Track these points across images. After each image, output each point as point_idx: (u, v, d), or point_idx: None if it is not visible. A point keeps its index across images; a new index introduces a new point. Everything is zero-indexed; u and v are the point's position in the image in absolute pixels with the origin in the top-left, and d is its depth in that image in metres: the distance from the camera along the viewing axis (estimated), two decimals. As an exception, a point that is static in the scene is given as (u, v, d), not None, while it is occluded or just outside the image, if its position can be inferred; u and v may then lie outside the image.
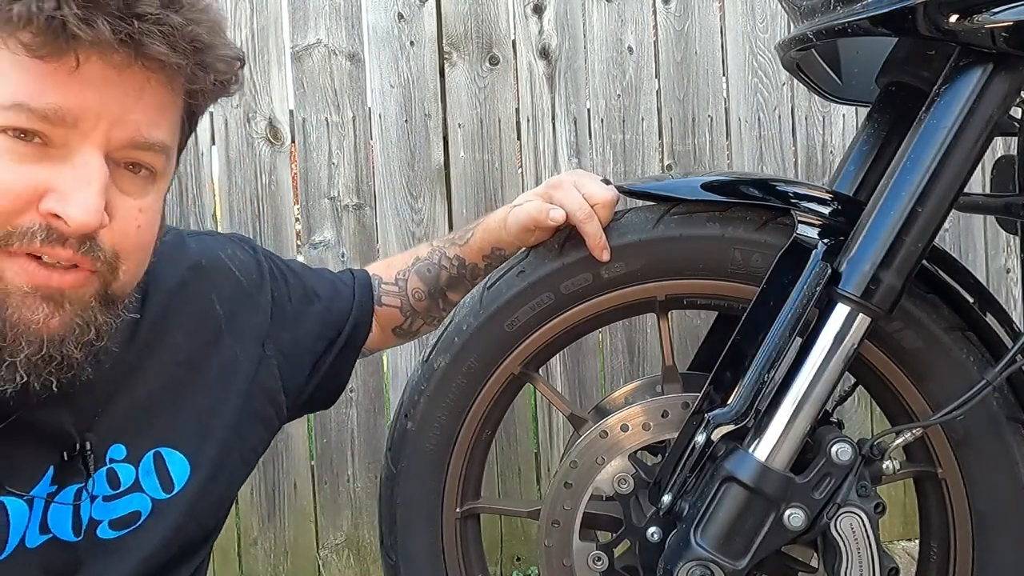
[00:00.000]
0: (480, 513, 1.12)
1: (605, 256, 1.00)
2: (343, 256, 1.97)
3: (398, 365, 2.03)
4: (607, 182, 1.05)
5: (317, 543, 2.00)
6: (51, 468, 0.86)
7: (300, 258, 1.99)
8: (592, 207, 1.01)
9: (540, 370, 1.11)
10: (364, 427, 2.00)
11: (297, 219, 2.00)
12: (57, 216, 0.72)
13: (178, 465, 0.95)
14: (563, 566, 1.03)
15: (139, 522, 0.92)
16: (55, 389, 0.76)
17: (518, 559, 2.08)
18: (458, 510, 1.07)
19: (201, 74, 0.78)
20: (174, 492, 0.94)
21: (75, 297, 0.76)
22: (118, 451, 0.91)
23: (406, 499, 1.07)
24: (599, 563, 1.03)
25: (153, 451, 0.93)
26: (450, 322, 1.06)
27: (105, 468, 0.90)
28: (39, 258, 0.73)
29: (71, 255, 0.74)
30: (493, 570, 2.04)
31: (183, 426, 0.96)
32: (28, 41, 0.70)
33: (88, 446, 0.87)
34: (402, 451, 1.06)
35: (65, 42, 0.70)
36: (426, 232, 2.00)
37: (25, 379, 0.73)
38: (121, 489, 0.91)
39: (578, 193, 1.02)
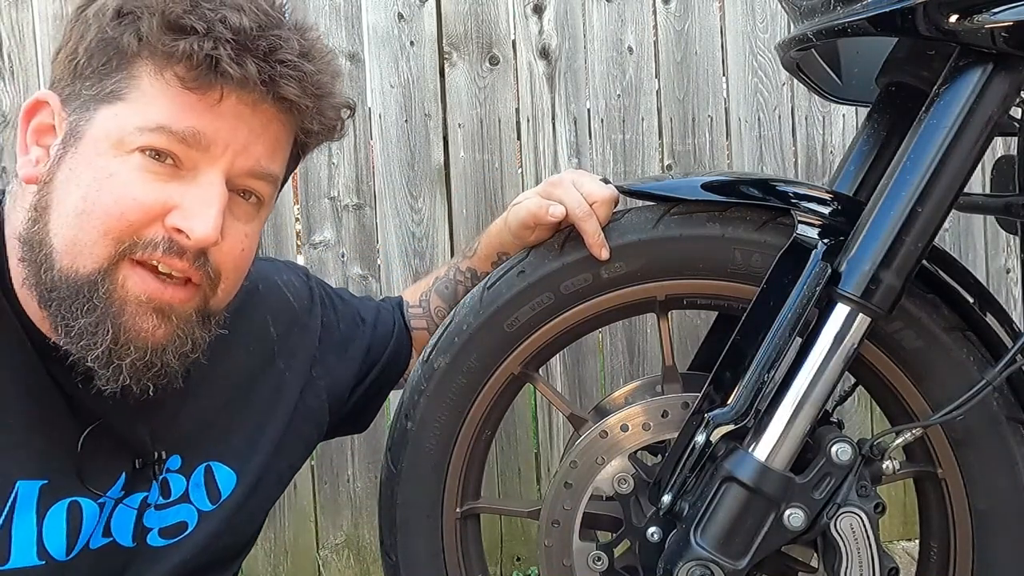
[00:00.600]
0: (480, 513, 1.12)
1: (604, 255, 1.00)
2: (343, 256, 1.97)
3: (398, 365, 2.03)
4: (606, 181, 1.05)
5: (317, 543, 2.00)
6: (124, 474, 0.90)
7: (300, 258, 1.99)
8: (591, 205, 1.01)
9: (540, 370, 1.11)
10: (364, 427, 2.00)
11: (297, 219, 2.00)
12: (180, 231, 0.79)
13: (225, 478, 0.99)
14: (563, 566, 1.03)
15: (186, 532, 0.96)
16: (151, 394, 0.82)
17: (518, 559, 2.08)
18: (458, 510, 1.07)
19: (318, 117, 0.86)
20: (219, 503, 0.99)
21: (180, 312, 0.82)
22: (174, 462, 0.96)
23: (406, 499, 1.07)
24: (599, 563, 1.03)
25: (205, 464, 0.98)
26: (450, 322, 1.06)
27: (161, 477, 0.94)
28: (156, 269, 0.80)
29: (186, 267, 0.81)
30: (493, 570, 2.04)
31: (234, 443, 1.00)
32: (183, 75, 0.78)
33: (163, 455, 0.93)
34: (402, 451, 1.06)
35: (215, 78, 0.78)
36: (426, 232, 2.00)
37: (127, 382, 0.80)
38: (171, 499, 0.96)
39: (577, 191, 1.03)
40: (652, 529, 0.98)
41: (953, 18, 0.84)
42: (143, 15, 0.78)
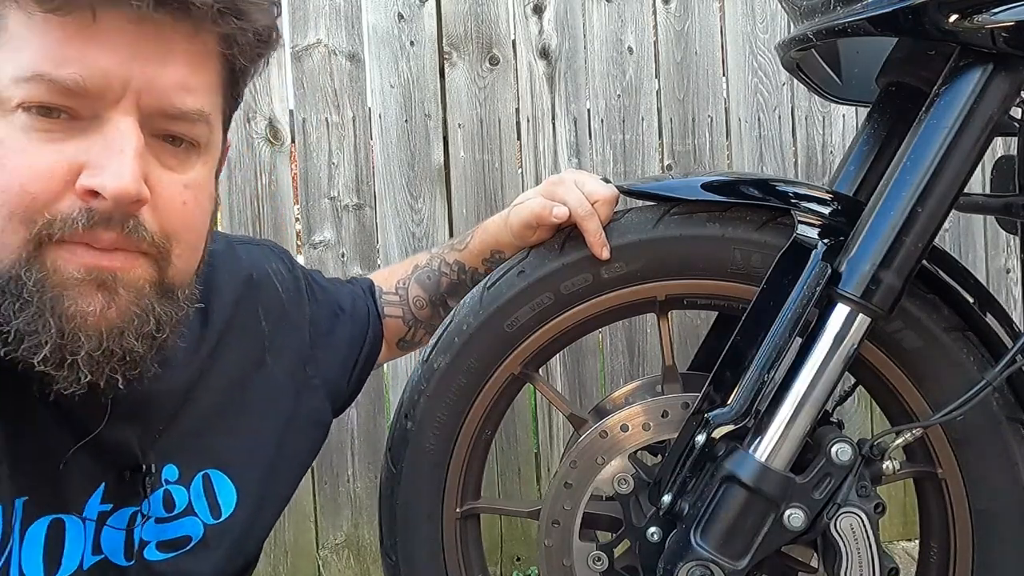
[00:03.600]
0: (480, 513, 1.12)
1: (605, 254, 1.00)
2: (343, 256, 1.97)
3: (398, 366, 2.03)
4: (607, 181, 1.05)
5: (317, 543, 2.00)
6: (103, 484, 0.80)
7: (300, 259, 1.99)
8: (593, 204, 1.01)
9: (540, 370, 1.11)
10: (364, 427, 2.00)
11: (297, 219, 2.00)
12: (93, 192, 0.65)
13: (225, 491, 0.91)
14: (563, 566, 1.03)
15: (188, 546, 0.88)
16: (121, 387, 0.70)
17: (518, 559, 2.08)
18: (458, 510, 1.07)
19: (236, 23, 0.69)
20: (222, 519, 0.91)
21: (128, 281, 0.69)
22: (171, 472, 0.87)
23: (406, 499, 1.06)
24: (599, 563, 1.03)
25: (202, 473, 0.89)
26: (450, 322, 1.06)
27: (162, 489, 0.86)
28: (87, 245, 0.67)
29: (114, 237, 0.67)
30: (493, 570, 2.04)
31: (231, 448, 0.92)
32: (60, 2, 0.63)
33: (152, 468, 0.83)
34: (402, 451, 1.06)
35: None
36: (426, 232, 2.00)
37: (89, 378, 0.67)
38: (175, 512, 0.88)
39: (579, 191, 1.02)
40: (652, 529, 0.98)
41: (953, 18, 0.84)
42: None
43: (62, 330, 0.65)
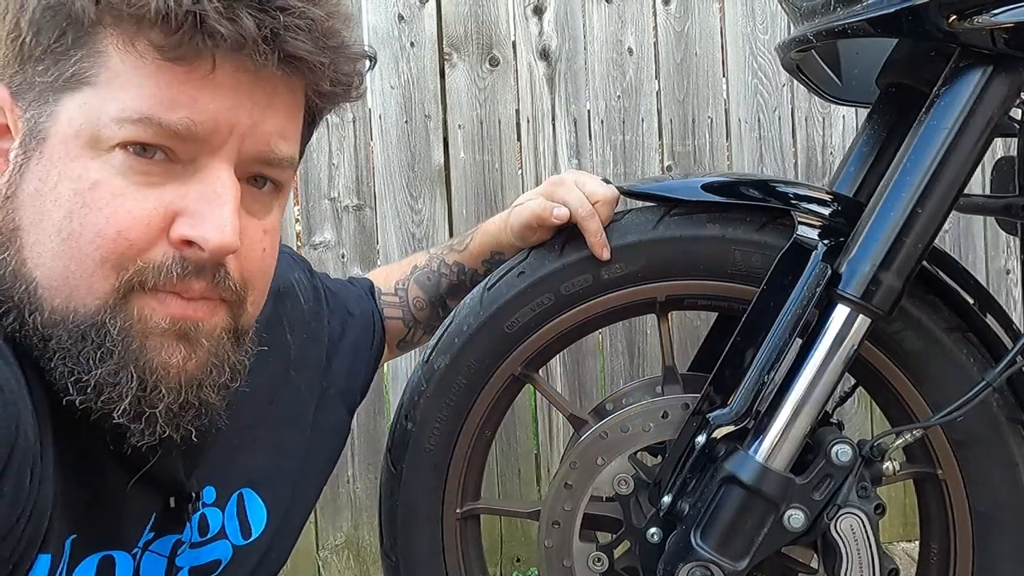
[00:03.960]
0: (480, 514, 1.12)
1: (605, 255, 1.00)
2: (343, 257, 1.97)
3: (398, 366, 2.03)
4: (607, 182, 1.05)
5: (317, 543, 2.00)
6: (154, 515, 0.77)
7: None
8: (593, 205, 1.01)
9: (540, 371, 1.11)
10: (364, 428, 2.00)
11: (297, 220, 2.00)
12: (191, 242, 0.63)
13: (256, 510, 0.88)
14: (563, 567, 1.03)
15: (218, 570, 0.85)
16: (194, 439, 0.68)
17: (518, 560, 2.08)
18: (458, 511, 1.07)
19: (333, 74, 0.69)
20: (251, 539, 0.88)
21: (208, 331, 0.67)
22: (209, 494, 0.84)
23: (406, 500, 1.06)
24: (599, 564, 1.03)
25: (237, 493, 0.87)
26: (450, 323, 1.06)
27: (199, 513, 0.83)
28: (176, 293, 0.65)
29: (203, 287, 0.65)
30: (493, 571, 2.04)
31: (262, 466, 0.89)
32: (160, 42, 0.61)
33: (195, 495, 0.80)
34: (402, 452, 1.06)
35: (201, 42, 0.61)
36: (426, 233, 2.00)
37: (165, 432, 0.65)
38: (209, 536, 0.85)
39: (579, 191, 1.02)
40: (652, 530, 0.98)
41: (953, 19, 0.84)
42: None
43: (144, 382, 0.63)
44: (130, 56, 0.61)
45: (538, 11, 2.02)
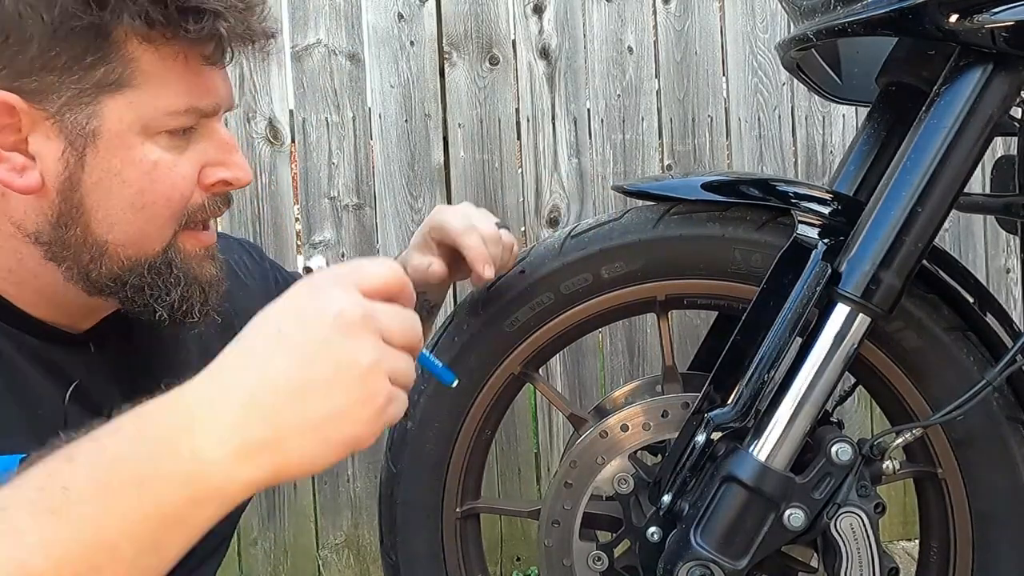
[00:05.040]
0: (480, 513, 1.12)
1: (488, 272, 0.97)
2: (343, 256, 1.97)
3: (398, 365, 2.02)
4: (503, 227, 1.03)
5: (317, 543, 2.00)
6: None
7: (300, 258, 1.99)
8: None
9: (540, 370, 1.11)
10: (364, 427, 2.00)
11: (297, 219, 2.00)
12: (227, 183, 0.82)
13: None
14: (563, 566, 1.03)
15: None
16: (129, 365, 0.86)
17: (518, 559, 2.08)
18: (458, 510, 1.07)
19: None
20: None
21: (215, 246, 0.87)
22: None
23: (406, 499, 1.06)
24: (599, 563, 1.03)
25: None
26: (450, 322, 1.06)
27: None
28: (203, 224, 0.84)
29: (224, 209, 0.86)
30: (493, 570, 2.04)
31: None
32: (209, 53, 0.77)
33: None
34: (402, 451, 1.06)
35: (218, 45, 0.77)
36: (426, 232, 1.99)
37: (208, 318, 0.85)
38: None
39: (464, 218, 1.02)
40: (652, 529, 0.98)
41: (953, 18, 0.84)
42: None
43: (204, 292, 0.84)
44: (162, 60, 0.75)
45: (538, 10, 2.02)
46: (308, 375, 0.55)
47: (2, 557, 0.48)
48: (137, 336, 0.91)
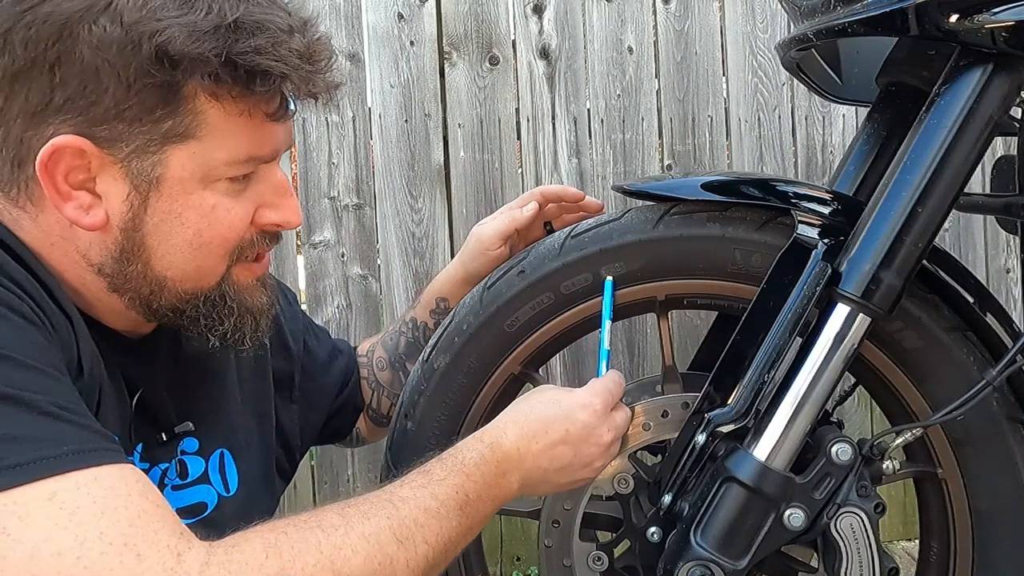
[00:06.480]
0: (480, 513, 1.12)
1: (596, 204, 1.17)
2: (343, 256, 1.97)
3: (398, 365, 2.03)
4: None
5: (317, 543, 2.00)
6: (141, 444, 0.93)
7: (300, 259, 1.99)
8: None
9: (540, 370, 1.11)
10: (364, 427, 2.00)
11: (297, 219, 2.00)
12: (277, 225, 0.89)
13: (231, 471, 1.02)
14: (563, 566, 1.03)
15: (205, 513, 0.98)
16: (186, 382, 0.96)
17: (518, 559, 2.08)
18: (458, 510, 1.07)
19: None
20: (231, 493, 1.01)
21: (268, 276, 0.95)
22: (190, 444, 0.99)
23: (406, 499, 1.06)
24: (599, 563, 1.03)
25: (220, 451, 1.01)
26: (450, 322, 1.06)
27: (176, 459, 0.97)
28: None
29: (273, 245, 0.93)
30: (493, 570, 2.04)
31: (239, 437, 1.04)
32: (272, 111, 0.83)
33: (187, 428, 0.97)
34: (402, 451, 1.06)
35: (281, 104, 0.84)
36: (426, 232, 2.00)
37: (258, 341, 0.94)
38: (189, 480, 0.97)
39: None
40: (652, 529, 0.98)
41: (953, 18, 0.84)
42: (197, 58, 0.75)
43: (256, 322, 0.92)
44: (227, 115, 0.80)
45: (538, 10, 2.02)
46: (579, 463, 0.92)
47: (433, 538, 0.79)
48: (186, 347, 0.98)
